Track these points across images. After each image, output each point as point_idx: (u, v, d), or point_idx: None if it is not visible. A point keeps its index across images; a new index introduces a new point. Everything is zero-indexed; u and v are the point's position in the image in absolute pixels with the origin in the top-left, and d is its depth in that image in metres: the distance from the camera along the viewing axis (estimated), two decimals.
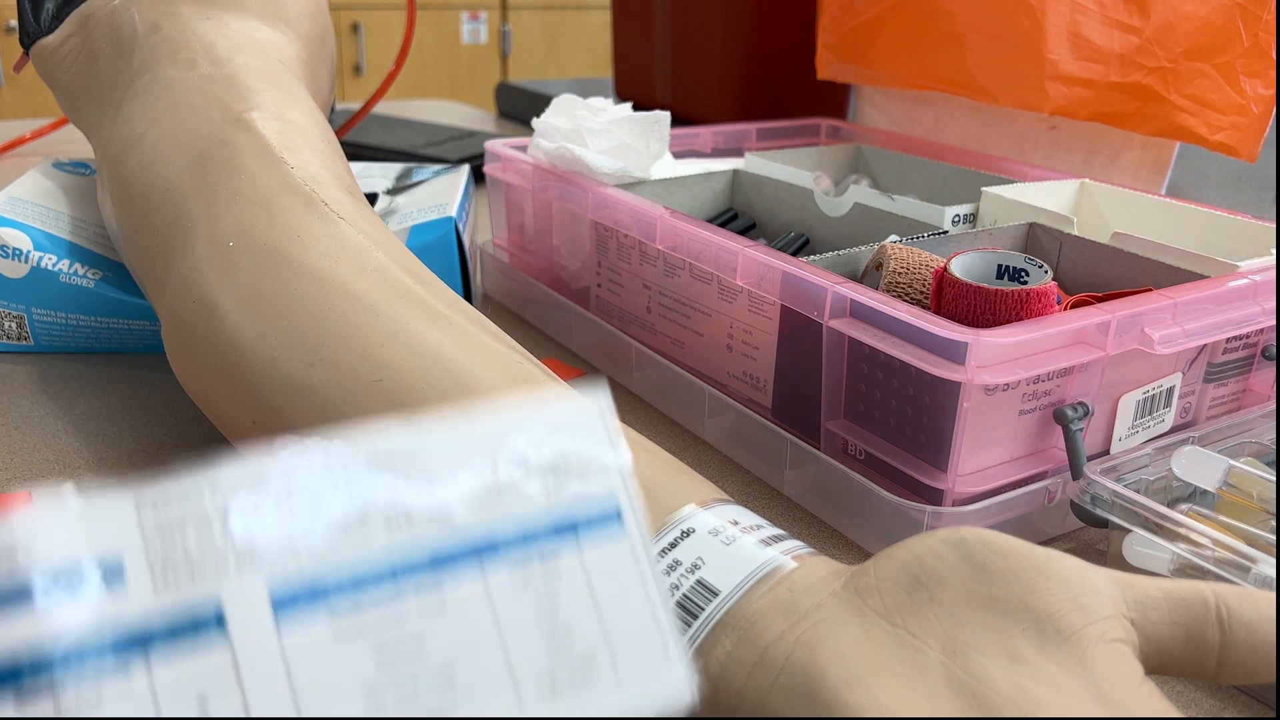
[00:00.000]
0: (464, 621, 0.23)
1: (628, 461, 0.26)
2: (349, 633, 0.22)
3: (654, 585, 0.25)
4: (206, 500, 0.22)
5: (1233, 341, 0.41)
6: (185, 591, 0.21)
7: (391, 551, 0.23)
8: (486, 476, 0.24)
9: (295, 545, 0.22)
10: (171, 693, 0.20)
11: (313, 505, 0.23)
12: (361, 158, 0.86)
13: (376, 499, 0.23)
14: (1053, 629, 0.23)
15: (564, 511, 0.25)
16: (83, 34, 0.46)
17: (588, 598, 0.24)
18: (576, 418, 0.26)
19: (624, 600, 0.24)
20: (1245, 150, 0.56)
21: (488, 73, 2.78)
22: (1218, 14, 0.55)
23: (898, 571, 0.25)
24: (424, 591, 0.23)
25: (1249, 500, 0.34)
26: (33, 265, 0.47)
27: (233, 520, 0.22)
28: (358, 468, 0.23)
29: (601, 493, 0.25)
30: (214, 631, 0.21)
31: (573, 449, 0.25)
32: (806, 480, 0.39)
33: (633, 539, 0.25)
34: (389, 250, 0.35)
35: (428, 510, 0.23)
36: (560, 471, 0.25)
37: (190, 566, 0.21)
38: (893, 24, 0.66)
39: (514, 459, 0.25)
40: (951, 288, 0.37)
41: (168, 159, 0.38)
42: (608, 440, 0.26)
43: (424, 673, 0.22)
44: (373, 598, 0.22)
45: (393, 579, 0.23)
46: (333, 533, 0.22)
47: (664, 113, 0.54)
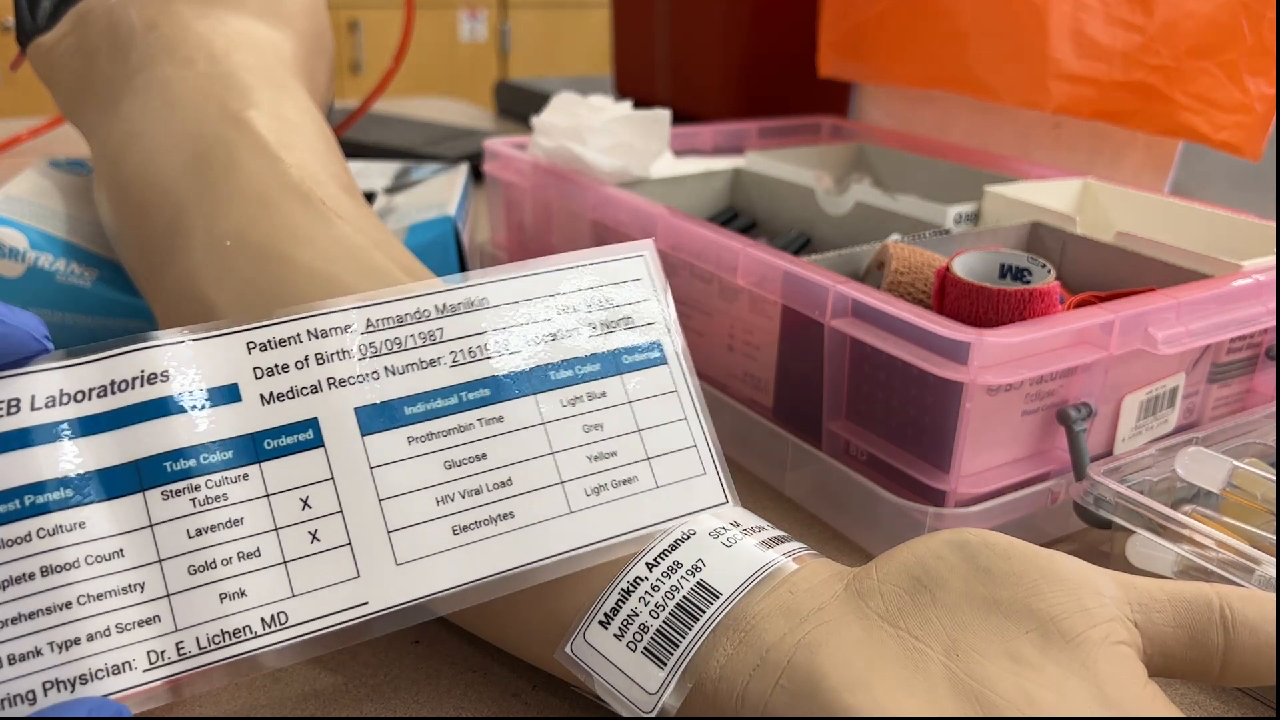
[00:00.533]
0: (519, 438, 0.27)
1: (670, 306, 0.30)
2: (422, 447, 0.26)
3: (695, 413, 0.29)
4: (304, 339, 0.26)
5: (1237, 341, 0.41)
6: (288, 410, 0.26)
7: (457, 380, 0.27)
8: (541, 316, 0.29)
9: (377, 375, 0.27)
10: (281, 493, 0.25)
11: (391, 342, 0.27)
12: (360, 156, 0.85)
13: (444, 336, 0.27)
14: (1056, 631, 0.23)
15: (610, 349, 0.29)
16: (79, 32, 0.46)
17: (630, 421, 0.28)
18: (625, 268, 0.30)
19: (664, 424, 0.29)
20: (1249, 149, 0.56)
21: (486, 71, 2.78)
22: (1221, 12, 0.54)
23: (900, 573, 0.25)
24: (485, 414, 0.27)
25: (1253, 501, 0.34)
26: (29, 264, 0.46)
27: (326, 353, 0.26)
28: (429, 311, 0.28)
29: (645, 333, 0.29)
30: (313, 443, 0.26)
31: (620, 294, 0.30)
32: (808, 481, 0.39)
33: (674, 372, 0.29)
34: (387, 249, 0.35)
35: (488, 347, 0.28)
36: (608, 313, 0.29)
37: (292, 391, 0.26)
38: (894, 22, 0.65)
39: (566, 303, 0.29)
40: (954, 287, 0.37)
41: (165, 158, 0.38)
42: (652, 287, 0.30)
43: (486, 480, 0.26)
44: (441, 419, 0.27)
45: (458, 404, 0.27)
46: (408, 365, 0.27)
47: (664, 111, 0.53)
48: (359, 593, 0.25)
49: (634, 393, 0.29)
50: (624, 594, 0.26)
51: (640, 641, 0.25)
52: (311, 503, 0.25)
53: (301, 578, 0.24)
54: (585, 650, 0.26)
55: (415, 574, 0.25)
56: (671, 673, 0.25)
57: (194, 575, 0.24)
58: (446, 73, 2.72)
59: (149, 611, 0.23)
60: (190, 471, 0.24)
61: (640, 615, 0.26)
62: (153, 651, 0.23)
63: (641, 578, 0.26)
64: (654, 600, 0.26)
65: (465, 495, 0.26)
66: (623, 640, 0.25)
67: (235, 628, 0.24)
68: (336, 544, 0.25)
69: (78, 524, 0.23)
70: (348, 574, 0.25)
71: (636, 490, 0.28)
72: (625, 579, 0.26)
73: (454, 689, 0.29)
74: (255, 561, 0.24)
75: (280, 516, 0.25)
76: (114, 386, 0.25)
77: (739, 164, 0.60)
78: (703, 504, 0.28)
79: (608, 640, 0.26)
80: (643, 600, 0.26)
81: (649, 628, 0.25)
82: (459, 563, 0.26)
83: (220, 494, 0.25)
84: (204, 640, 0.23)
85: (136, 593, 0.23)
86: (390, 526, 0.25)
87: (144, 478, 0.24)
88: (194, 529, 0.24)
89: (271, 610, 0.24)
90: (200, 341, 0.26)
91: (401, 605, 0.25)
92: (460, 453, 0.27)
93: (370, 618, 0.25)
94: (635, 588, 0.26)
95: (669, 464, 0.28)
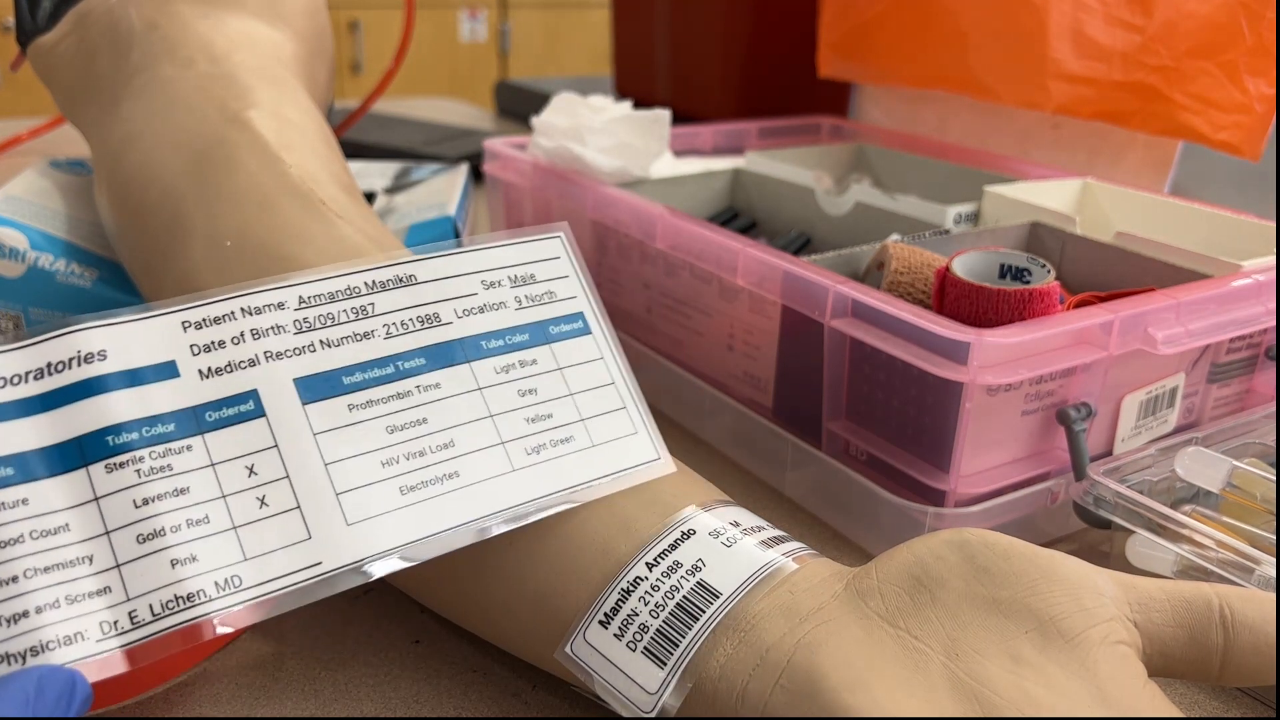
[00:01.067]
0: (458, 403, 0.28)
1: (589, 282, 0.32)
2: (363, 413, 0.27)
3: (620, 377, 0.31)
4: (238, 316, 0.27)
5: (1236, 342, 0.41)
6: (227, 384, 0.26)
7: (392, 350, 0.28)
8: (467, 291, 0.30)
9: (313, 347, 0.27)
10: (226, 462, 0.25)
11: (324, 317, 0.28)
12: (360, 156, 0.85)
13: (376, 310, 0.29)
14: (1055, 631, 0.23)
15: (536, 319, 0.30)
16: (80, 32, 0.46)
17: (563, 386, 0.30)
18: (542, 247, 0.32)
19: (594, 388, 0.30)
20: (1249, 149, 0.56)
21: (486, 71, 2.78)
22: (1221, 12, 0.55)
23: (899, 573, 0.25)
24: (422, 381, 0.28)
25: (1252, 501, 0.34)
26: (29, 264, 0.46)
27: (261, 329, 0.27)
28: (359, 287, 0.29)
29: (567, 305, 0.31)
30: (254, 414, 0.26)
31: (541, 271, 0.31)
32: (808, 481, 0.39)
33: (597, 339, 0.31)
34: (387, 249, 0.35)
35: (420, 318, 0.29)
36: (531, 288, 0.31)
37: (230, 365, 0.26)
38: (894, 22, 0.65)
39: (491, 278, 0.30)
40: (954, 287, 0.37)
41: (165, 158, 0.38)
42: (570, 262, 0.32)
43: (429, 443, 0.27)
44: (380, 386, 0.28)
45: (395, 372, 0.28)
46: (342, 338, 0.28)
47: (664, 111, 0.53)
48: (312, 553, 0.25)
49: (563, 360, 0.30)
50: (624, 594, 0.26)
51: (640, 641, 0.25)
52: (257, 470, 0.26)
53: (253, 541, 0.25)
54: (585, 650, 0.26)
55: (366, 532, 0.26)
56: (671, 672, 0.25)
57: (143, 544, 0.24)
58: (446, 73, 2.72)
59: (100, 583, 0.24)
60: (133, 444, 0.25)
61: (640, 615, 0.26)
62: (105, 622, 0.23)
63: (641, 577, 0.26)
64: (654, 600, 0.26)
65: (410, 457, 0.27)
66: (623, 640, 0.25)
67: (189, 592, 0.24)
68: (285, 508, 0.25)
69: (20, 500, 0.24)
70: (299, 536, 0.25)
71: (574, 449, 0.29)
72: (625, 579, 0.26)
73: (454, 689, 0.29)
74: (205, 528, 0.25)
75: (227, 484, 0.25)
76: (50, 368, 0.25)
77: (739, 164, 0.60)
78: (637, 460, 0.30)
79: (608, 640, 0.26)
80: (643, 600, 0.26)
81: (649, 627, 0.25)
82: (409, 520, 0.26)
83: (165, 464, 0.25)
84: (157, 607, 0.24)
85: (85, 565, 0.24)
86: (338, 489, 0.26)
87: (86, 453, 0.25)
88: (140, 499, 0.24)
89: (225, 574, 0.24)
90: (135, 322, 0.26)
91: (355, 563, 0.25)
92: (401, 418, 0.27)
93: (325, 576, 0.25)
94: (635, 587, 0.26)
95: (602, 424, 0.30)
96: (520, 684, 0.30)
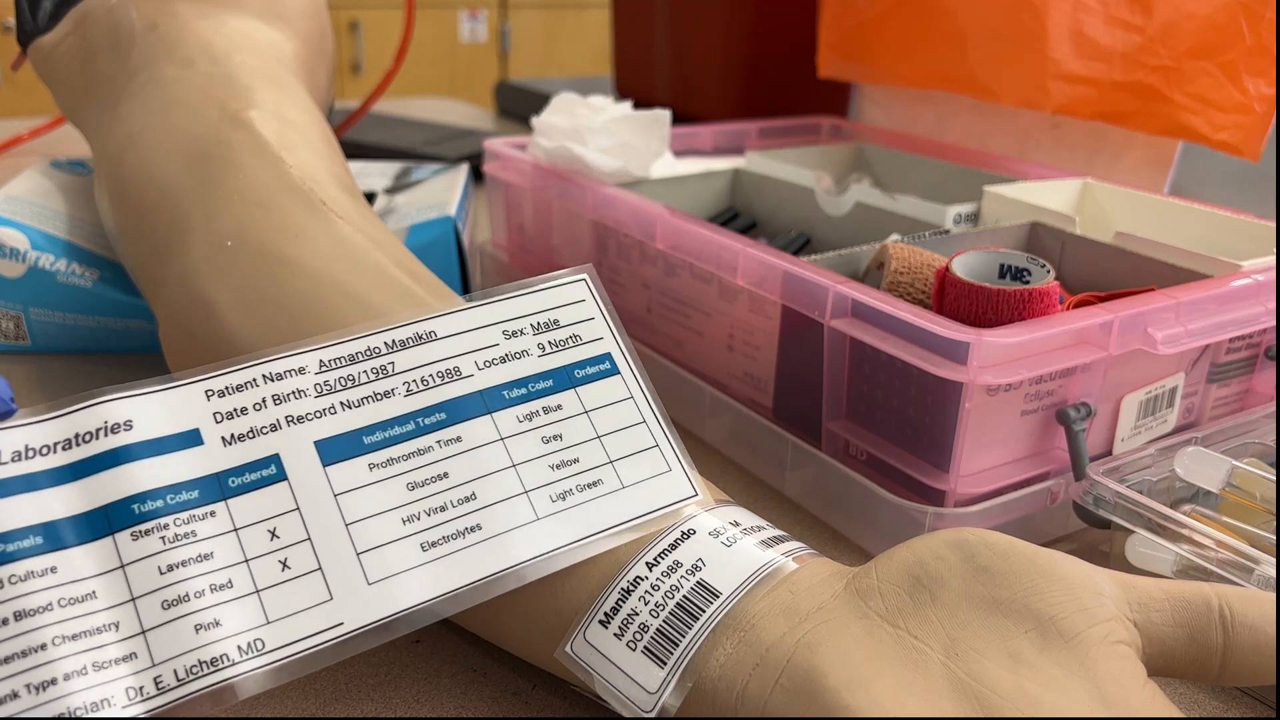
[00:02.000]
0: (479, 455, 0.28)
1: (616, 322, 0.31)
2: (383, 472, 0.27)
3: (651, 415, 0.30)
4: (260, 383, 0.28)
5: (1236, 341, 0.41)
6: (249, 449, 0.27)
7: (412, 407, 0.28)
8: (489, 342, 0.30)
9: (334, 409, 0.28)
10: (248, 527, 0.26)
11: (345, 379, 0.28)
12: (360, 156, 0.85)
13: (396, 369, 0.29)
14: (1055, 631, 0.23)
15: (560, 364, 0.30)
16: (80, 32, 0.46)
17: (589, 429, 0.29)
18: (567, 291, 0.31)
19: (623, 429, 0.30)
20: (1248, 149, 0.56)
21: (487, 71, 2.78)
22: (1220, 12, 0.55)
23: (899, 573, 0.25)
24: (443, 435, 0.28)
25: (1252, 501, 0.34)
26: (30, 265, 0.46)
27: (282, 394, 0.27)
28: (379, 348, 0.29)
29: (593, 347, 0.31)
30: (276, 478, 0.26)
31: (565, 315, 0.31)
32: (807, 481, 0.39)
33: (626, 379, 0.31)
34: (387, 250, 0.35)
35: (440, 373, 0.29)
36: (555, 333, 0.30)
37: (252, 431, 0.27)
38: (894, 22, 0.65)
39: (513, 327, 0.30)
40: (953, 287, 0.37)
41: (165, 158, 0.38)
42: (595, 303, 0.31)
43: (450, 497, 0.27)
44: (400, 444, 0.28)
45: (415, 429, 0.28)
46: (363, 398, 0.28)
47: (664, 111, 0.53)
48: (333, 614, 0.25)
49: (589, 403, 0.30)
50: (624, 593, 0.26)
51: (640, 641, 0.25)
52: (279, 533, 0.26)
53: (275, 604, 0.25)
54: (585, 649, 0.26)
55: (388, 591, 0.26)
56: (671, 672, 0.25)
57: (167, 610, 0.24)
58: (446, 73, 2.72)
59: (126, 649, 0.24)
60: (158, 512, 0.25)
61: (640, 614, 0.26)
62: (131, 688, 0.23)
63: (641, 577, 0.26)
64: (654, 599, 0.26)
65: (430, 513, 0.27)
66: (623, 639, 0.26)
67: (212, 657, 0.24)
68: (307, 570, 0.26)
69: (49, 569, 0.24)
70: (320, 597, 0.25)
71: (603, 492, 0.28)
72: (625, 578, 0.26)
73: (454, 689, 0.29)
74: (228, 592, 0.25)
75: (250, 548, 0.25)
76: (78, 439, 0.26)
77: (739, 164, 0.60)
78: (672, 498, 0.29)
79: (608, 639, 0.26)
80: (643, 599, 0.26)
81: (649, 627, 0.25)
82: (430, 576, 0.26)
83: (189, 531, 0.25)
84: (181, 672, 0.24)
85: (111, 631, 0.24)
86: (359, 548, 0.26)
87: (112, 521, 0.25)
88: (165, 565, 0.25)
89: (248, 638, 0.24)
90: (160, 392, 0.27)
91: (377, 622, 0.25)
92: (422, 474, 0.27)
93: (347, 637, 0.25)
94: (635, 587, 0.26)
95: (633, 465, 0.29)
96: (520, 684, 0.30)
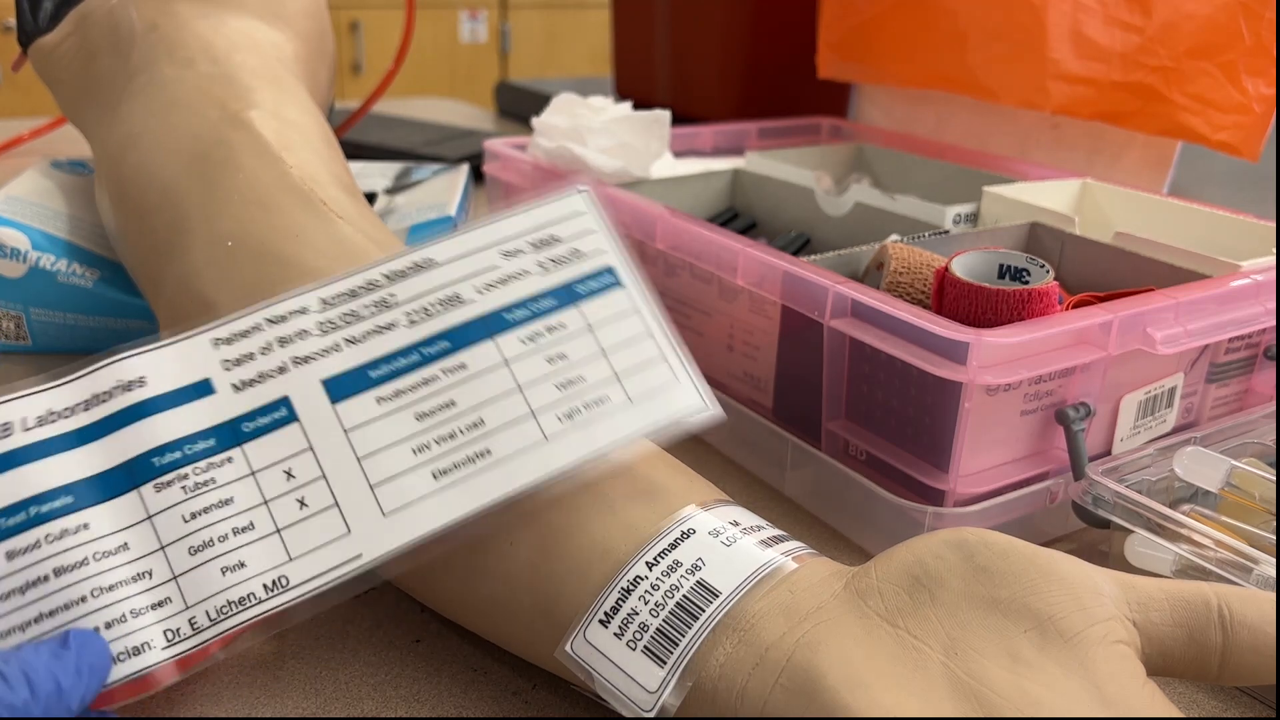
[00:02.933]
0: (485, 381, 0.28)
1: (616, 235, 0.31)
2: (391, 405, 0.28)
3: (657, 328, 0.30)
4: (264, 327, 0.28)
5: (1235, 341, 0.41)
6: (260, 394, 0.27)
7: (415, 338, 0.28)
8: (487, 265, 0.29)
9: (339, 347, 0.28)
10: (265, 470, 0.27)
11: (347, 315, 0.29)
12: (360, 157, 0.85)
13: (397, 300, 0.29)
14: (1054, 630, 0.23)
15: (562, 281, 0.30)
16: (81, 33, 0.46)
17: (594, 345, 0.29)
18: (565, 205, 0.31)
19: (629, 343, 0.29)
20: (1247, 149, 0.56)
21: (487, 71, 2.78)
22: (1220, 13, 0.55)
23: (899, 573, 0.25)
24: (447, 364, 0.28)
25: (1251, 501, 0.34)
26: (31, 265, 0.47)
27: (287, 336, 0.28)
28: (378, 280, 0.29)
29: (594, 260, 0.30)
30: (287, 420, 0.27)
31: (564, 229, 0.30)
32: (807, 481, 0.39)
33: (630, 292, 0.30)
34: (388, 250, 0.35)
35: (440, 300, 0.29)
36: (555, 249, 0.30)
37: (261, 376, 0.27)
38: (894, 22, 0.66)
39: (511, 247, 0.30)
40: (953, 287, 0.37)
41: (165, 158, 0.38)
42: (595, 217, 0.31)
43: (458, 424, 0.28)
44: (406, 376, 0.28)
45: (420, 359, 0.28)
46: (366, 333, 0.28)
47: (664, 111, 0.53)
48: (352, 547, 0.26)
49: (593, 318, 0.30)
50: (624, 593, 0.26)
51: (640, 640, 0.25)
52: (295, 473, 0.27)
53: (296, 542, 0.26)
54: (585, 649, 0.26)
55: (403, 520, 0.26)
56: (671, 671, 0.25)
57: (195, 555, 0.26)
58: (447, 73, 2.72)
59: (159, 595, 0.25)
60: (177, 463, 0.26)
61: (640, 614, 0.26)
62: (168, 630, 0.25)
63: (641, 576, 0.26)
64: (654, 599, 0.26)
65: (440, 441, 0.27)
66: (623, 639, 0.26)
67: (240, 596, 0.25)
68: (324, 506, 0.26)
69: (81, 526, 0.25)
70: (339, 532, 0.26)
71: (610, 409, 0.29)
72: (625, 578, 0.26)
73: (454, 688, 0.29)
74: (250, 534, 0.26)
75: (268, 490, 0.26)
76: (96, 399, 0.27)
77: (739, 164, 0.60)
78: (683, 410, 0.29)
79: (608, 639, 0.26)
80: (642, 599, 0.26)
81: (649, 626, 0.25)
82: (443, 503, 0.27)
83: (209, 478, 0.26)
84: (213, 613, 0.25)
85: (145, 580, 0.25)
86: (372, 481, 0.27)
87: (135, 475, 0.26)
88: (189, 513, 0.26)
89: (272, 576, 0.26)
90: (169, 346, 0.28)
91: (394, 550, 0.26)
92: (429, 403, 0.28)
93: (367, 566, 0.26)
94: (635, 586, 0.26)
95: (640, 379, 0.29)
96: (520, 683, 0.30)
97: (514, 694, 0.29)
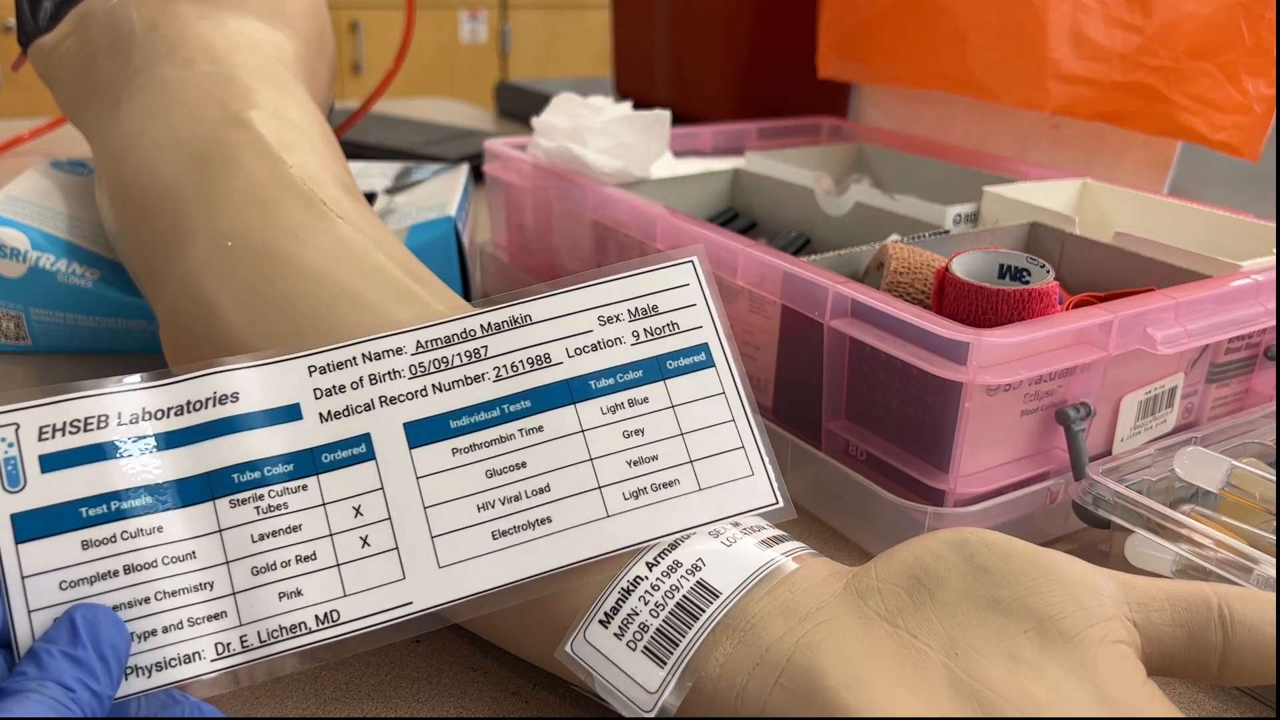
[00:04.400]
0: (559, 447, 0.28)
1: (719, 309, 0.30)
2: (465, 457, 0.28)
3: (744, 415, 0.29)
4: (359, 361, 0.28)
5: (1235, 342, 0.41)
6: (343, 427, 0.28)
7: (499, 393, 0.29)
8: (582, 328, 0.29)
9: (425, 392, 0.28)
10: (336, 502, 0.27)
11: (439, 361, 0.29)
12: (360, 157, 0.85)
13: (489, 353, 0.29)
14: (1055, 630, 0.23)
15: (653, 353, 0.30)
16: (81, 33, 0.46)
17: (673, 425, 0.29)
18: (672, 274, 0.31)
19: (710, 427, 0.29)
20: (1247, 149, 0.56)
21: (487, 71, 2.78)
22: (1220, 13, 0.55)
23: (899, 573, 0.25)
24: (525, 424, 0.28)
25: (1251, 501, 0.34)
26: (31, 265, 0.47)
27: (379, 374, 0.28)
28: (475, 330, 0.29)
29: (690, 337, 0.30)
30: (365, 457, 0.28)
31: (666, 300, 0.30)
32: (807, 481, 0.39)
33: (720, 373, 0.30)
34: (388, 249, 0.35)
35: (530, 359, 0.29)
36: (653, 320, 0.30)
37: (347, 410, 0.28)
38: (894, 22, 0.66)
39: (609, 313, 0.30)
40: (953, 287, 0.37)
41: (166, 158, 0.38)
42: (699, 289, 0.31)
43: (525, 487, 0.28)
44: (483, 430, 0.28)
45: (500, 415, 0.28)
46: (454, 381, 0.29)
47: (664, 111, 0.53)
48: (404, 593, 0.26)
49: (678, 397, 0.29)
50: (624, 593, 0.26)
51: (640, 640, 0.25)
52: (363, 511, 0.27)
53: (352, 579, 0.26)
54: (585, 649, 0.26)
55: (456, 576, 0.27)
56: (671, 672, 0.25)
57: (256, 576, 0.26)
58: (447, 73, 2.72)
59: (217, 608, 0.26)
60: (256, 483, 0.27)
61: (640, 614, 0.26)
62: (220, 643, 0.25)
63: (641, 577, 0.26)
64: (654, 599, 0.26)
65: (505, 502, 0.28)
66: (623, 639, 0.26)
67: (292, 623, 0.26)
68: (385, 548, 0.27)
69: (156, 528, 0.26)
70: (394, 576, 0.27)
71: (677, 493, 0.28)
72: (625, 578, 0.26)
73: (454, 688, 0.29)
74: (311, 564, 0.26)
75: (335, 523, 0.27)
76: (190, 406, 0.27)
77: (739, 164, 0.60)
78: (751, 505, 0.28)
79: (608, 639, 0.26)
80: (643, 599, 0.26)
81: (649, 627, 0.25)
82: (497, 565, 0.27)
83: (282, 503, 0.27)
84: (264, 634, 0.26)
85: (206, 590, 0.26)
86: (434, 532, 0.27)
87: (214, 487, 0.26)
88: (257, 534, 0.26)
89: (325, 609, 0.26)
90: (267, 366, 0.28)
91: (442, 604, 0.26)
92: (501, 462, 0.28)
93: (413, 616, 0.26)
94: (635, 587, 0.26)
95: (714, 466, 0.29)
96: (520, 683, 0.30)
97: (514, 694, 0.29)
